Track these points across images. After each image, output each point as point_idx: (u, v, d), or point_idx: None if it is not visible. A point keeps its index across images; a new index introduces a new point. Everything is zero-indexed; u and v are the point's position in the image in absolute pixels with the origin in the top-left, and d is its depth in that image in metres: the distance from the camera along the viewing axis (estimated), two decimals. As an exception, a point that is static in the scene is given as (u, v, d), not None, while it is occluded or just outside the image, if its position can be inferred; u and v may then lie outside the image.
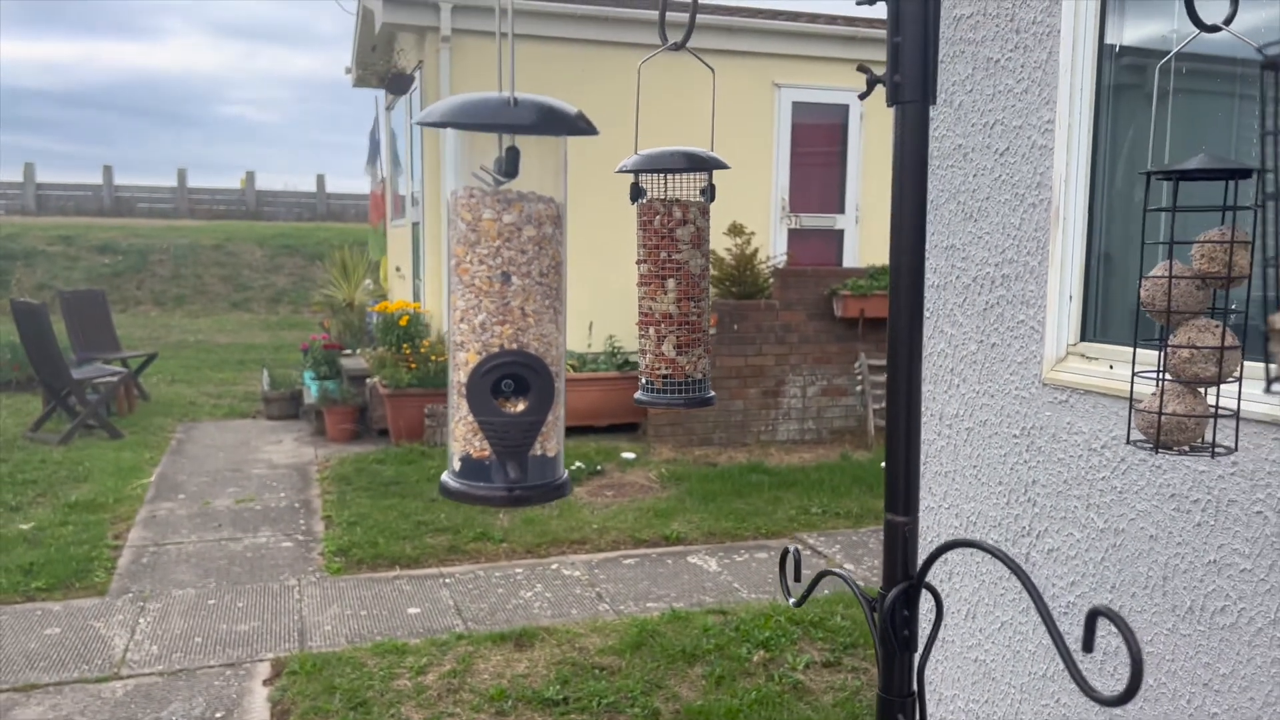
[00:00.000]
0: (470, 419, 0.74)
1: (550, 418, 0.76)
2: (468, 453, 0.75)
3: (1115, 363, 1.36)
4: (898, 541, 0.80)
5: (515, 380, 0.73)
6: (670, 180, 1.11)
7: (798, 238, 8.75)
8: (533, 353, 0.75)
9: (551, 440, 0.78)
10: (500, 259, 0.74)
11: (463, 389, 0.75)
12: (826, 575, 0.97)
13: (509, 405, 0.74)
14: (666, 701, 3.55)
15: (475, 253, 0.74)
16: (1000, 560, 0.73)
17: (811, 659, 3.90)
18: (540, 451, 0.76)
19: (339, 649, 3.88)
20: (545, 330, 0.76)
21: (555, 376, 0.77)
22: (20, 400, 8.83)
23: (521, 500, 0.78)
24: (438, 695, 3.54)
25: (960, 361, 1.68)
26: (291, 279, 17.29)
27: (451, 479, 0.79)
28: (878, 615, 0.82)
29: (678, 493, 6.16)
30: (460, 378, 0.76)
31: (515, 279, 0.74)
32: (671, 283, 1.07)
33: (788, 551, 0.91)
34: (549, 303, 0.77)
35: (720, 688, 3.63)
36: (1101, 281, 1.44)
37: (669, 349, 1.07)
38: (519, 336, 0.74)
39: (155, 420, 8.18)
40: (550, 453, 0.77)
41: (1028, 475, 1.54)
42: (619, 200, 1.12)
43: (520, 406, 0.74)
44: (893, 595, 0.79)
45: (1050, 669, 1.52)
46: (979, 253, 1.63)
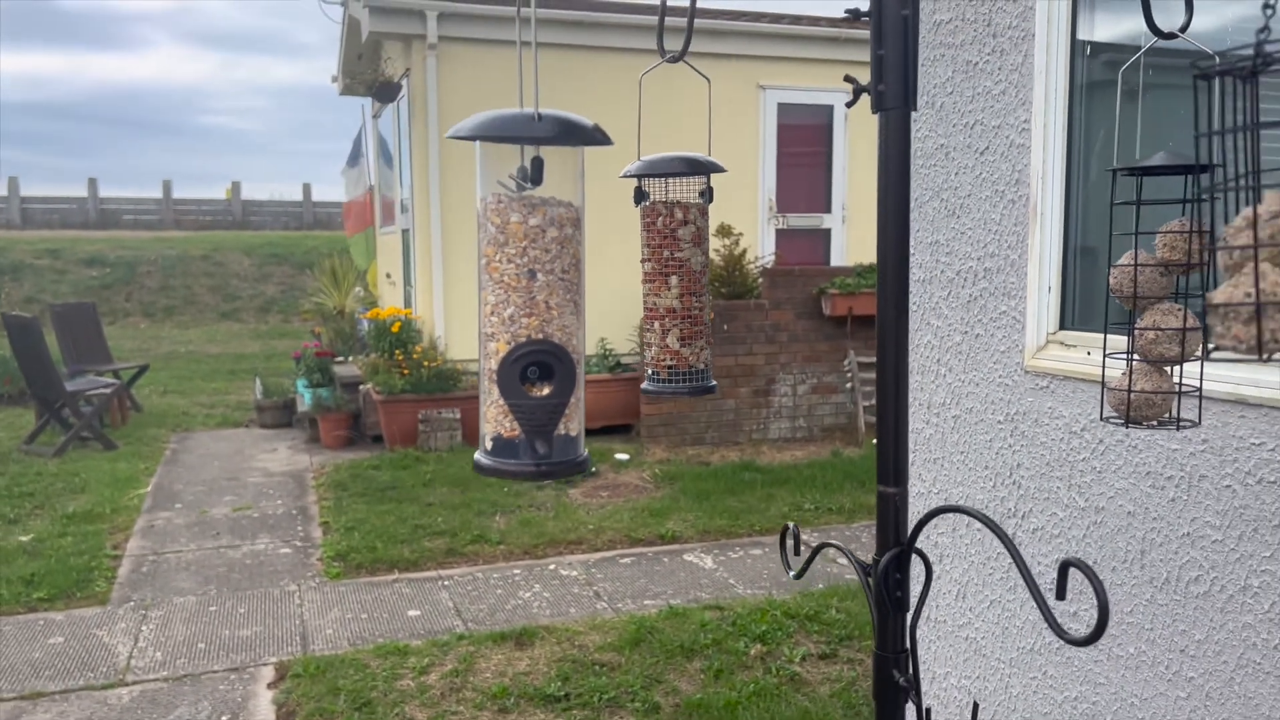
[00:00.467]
0: (501, 402, 0.81)
1: (572, 400, 0.84)
2: (499, 433, 0.82)
3: (1093, 349, 1.43)
4: (889, 511, 0.87)
5: (540, 367, 0.81)
6: (671, 184, 1.18)
7: (785, 238, 8.83)
8: (556, 342, 0.82)
9: (574, 421, 0.85)
10: (527, 258, 0.81)
11: (494, 375, 0.82)
12: (825, 547, 1.04)
13: (535, 390, 0.81)
14: (666, 695, 3.61)
15: (504, 252, 0.81)
16: (978, 519, 0.79)
17: (808, 651, 3.97)
18: (564, 431, 0.83)
19: (341, 651, 3.93)
20: (567, 321, 0.83)
21: (576, 363, 0.84)
22: (13, 414, 8.82)
23: (548, 474, 0.84)
24: (441, 694, 3.59)
25: (946, 352, 1.76)
26: (280, 288, 17.29)
27: (484, 457, 0.86)
28: (872, 579, 0.89)
29: (672, 492, 6.22)
30: (491, 365, 0.83)
31: (540, 275, 0.81)
32: (675, 279, 1.15)
33: (787, 528, 0.98)
34: (570, 297, 0.84)
35: (719, 681, 3.69)
36: (1078, 272, 1.52)
37: (673, 341, 1.15)
38: (544, 327, 0.81)
39: (149, 431, 8.19)
40: (573, 432, 0.85)
41: (1012, 459, 1.61)
42: (609, 205, 1.19)
43: (545, 390, 0.81)
44: (886, 559, 0.86)
45: (1037, 643, 1.60)
46: (962, 248, 1.71)
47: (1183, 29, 0.92)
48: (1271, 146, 0.83)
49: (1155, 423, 0.95)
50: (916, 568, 0.90)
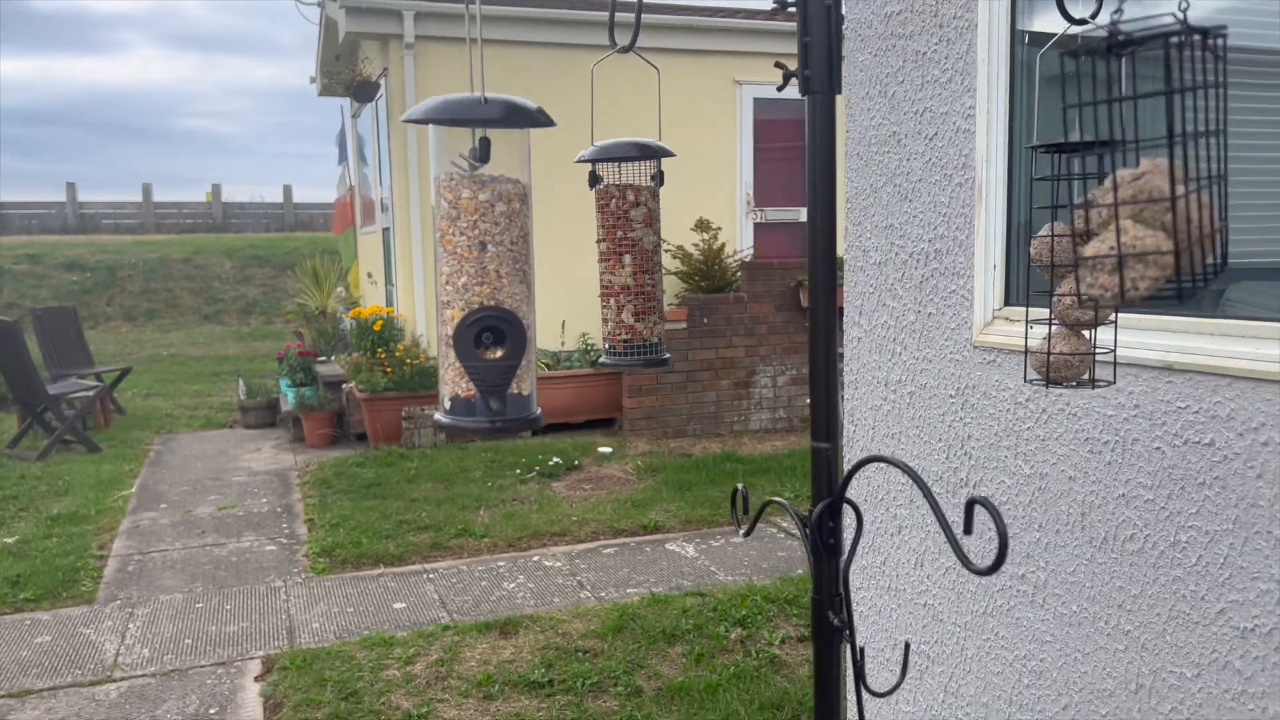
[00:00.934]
0: (457, 364, 0.88)
1: (524, 362, 0.90)
2: (456, 393, 0.89)
3: (1035, 323, 1.50)
4: (822, 464, 0.94)
5: (493, 332, 0.87)
6: (624, 168, 1.24)
7: (764, 231, 8.92)
8: (507, 308, 0.89)
9: (526, 381, 0.91)
10: (478, 230, 0.88)
11: (450, 340, 0.88)
12: (769, 504, 1.10)
13: (489, 352, 0.87)
14: (649, 680, 3.67)
15: (457, 226, 0.88)
16: (899, 467, 0.86)
17: (787, 634, 4.04)
18: (517, 390, 0.90)
19: (328, 644, 3.97)
20: (517, 289, 0.90)
21: (527, 328, 0.91)
22: (-6, 419, 8.80)
23: (503, 430, 0.91)
24: (426, 683, 3.64)
25: (901, 331, 1.83)
26: (262, 290, 17.25)
27: (443, 415, 0.93)
28: (808, 529, 0.96)
29: (654, 484, 6.29)
30: (448, 331, 0.89)
31: (490, 247, 0.88)
32: (628, 258, 1.21)
33: (737, 489, 1.05)
34: (519, 266, 0.91)
35: (700, 664, 3.76)
36: (1021, 250, 1.59)
37: (628, 317, 1.22)
38: (495, 295, 0.88)
39: (132, 433, 8.20)
40: (525, 391, 0.91)
41: (963, 431, 1.69)
42: (590, 200, 1.24)
43: (499, 353, 0.88)
44: (819, 509, 0.93)
45: (989, 606, 1.67)
46: (914, 230, 1.78)
47: (1093, 15, 0.99)
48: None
49: (1074, 383, 1.02)
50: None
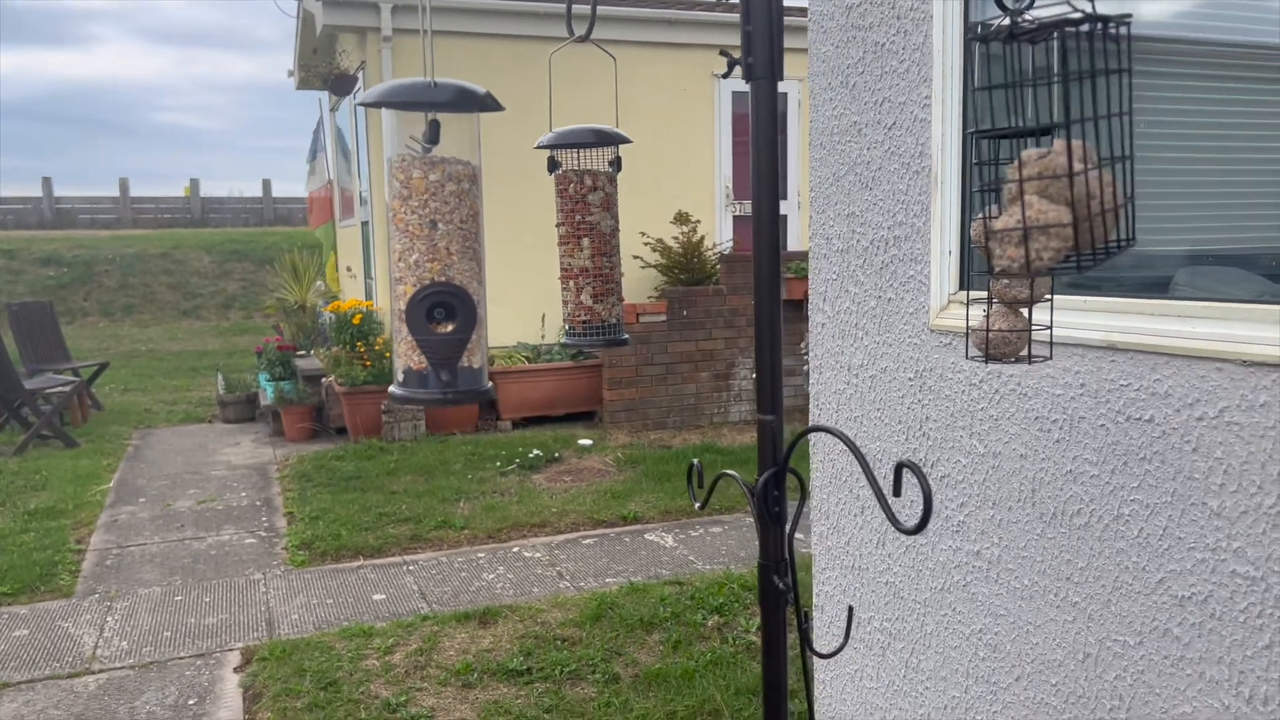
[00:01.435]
0: (410, 338, 0.91)
1: (474, 337, 0.94)
2: (409, 366, 0.92)
3: (977, 303, 1.55)
4: (767, 436, 0.98)
5: (445, 307, 0.90)
6: (583, 154, 1.28)
7: (743, 224, 8.97)
8: (458, 284, 0.92)
9: (476, 355, 0.95)
10: (428, 209, 0.91)
11: (402, 315, 0.92)
12: (722, 477, 1.14)
13: (440, 327, 0.91)
14: (626, 667, 3.71)
15: (408, 205, 0.91)
16: (837, 436, 0.90)
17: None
18: (467, 363, 0.93)
19: (307, 635, 3.99)
20: (467, 266, 0.94)
21: (477, 304, 0.94)
22: (-31, 415, 8.73)
23: (455, 400, 0.95)
24: (405, 672, 3.67)
25: (863, 317, 1.87)
26: (241, 284, 17.15)
27: (397, 388, 0.96)
28: (755, 498, 0.99)
29: (634, 475, 6.32)
30: (401, 306, 0.93)
31: (441, 225, 0.91)
32: (586, 241, 1.25)
33: (693, 465, 1.09)
34: (469, 244, 0.94)
35: (677, 651, 3.80)
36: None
37: (587, 298, 1.25)
38: (446, 271, 0.92)
39: (110, 428, 8.16)
40: (476, 365, 0.95)
41: (922, 413, 1.73)
42: None
43: (449, 327, 0.91)
44: (764, 478, 0.97)
45: (947, 582, 1.72)
46: (875, 217, 1.82)
47: (1029, 6, 1.04)
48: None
49: (1013, 359, 1.07)
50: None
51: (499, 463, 6.59)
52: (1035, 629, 1.54)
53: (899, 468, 0.90)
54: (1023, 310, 1.08)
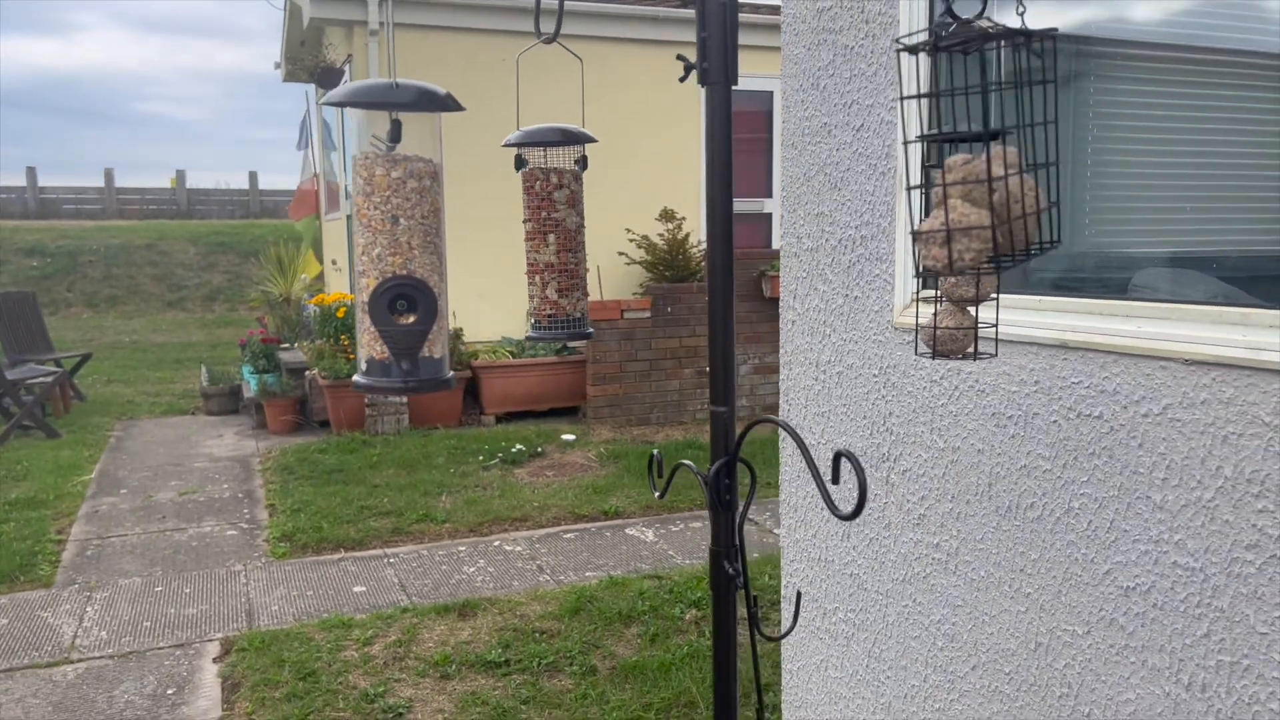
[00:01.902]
0: (372, 329, 0.95)
1: (435, 328, 0.98)
2: (371, 356, 0.96)
3: (928, 301, 1.59)
4: (720, 426, 1.01)
5: (406, 299, 0.94)
6: (550, 153, 1.31)
7: (728, 222, 8.99)
8: (419, 277, 0.96)
9: (437, 345, 0.99)
10: (390, 205, 0.95)
11: (365, 307, 0.95)
12: (680, 467, 1.18)
13: (401, 318, 0.94)
14: (604, 659, 3.75)
15: (371, 200, 0.95)
16: (782, 427, 0.93)
17: (741, 615, 4.13)
18: (428, 354, 0.97)
19: (287, 626, 4.01)
20: (428, 260, 0.97)
21: (438, 296, 0.98)
22: (-50, 405, 8.69)
23: (416, 389, 0.98)
24: (384, 663, 3.70)
25: (831, 314, 1.91)
26: (226, 276, 17.08)
27: (361, 377, 1.00)
28: (707, 486, 1.03)
29: (616, 470, 6.36)
30: (364, 298, 0.97)
31: (402, 220, 0.95)
32: (552, 237, 1.28)
33: (653, 455, 1.12)
34: (430, 239, 0.98)
35: (654, 645, 3.84)
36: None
37: (552, 293, 1.29)
38: (407, 265, 0.95)
39: (93, 419, 8.14)
40: (436, 355, 0.99)
41: (885, 408, 1.77)
42: None
43: (411, 319, 0.95)
44: (716, 466, 1.01)
45: (908, 574, 1.76)
46: (843, 217, 1.86)
47: (979, 15, 1.08)
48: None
49: (960, 355, 1.11)
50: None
51: (482, 457, 6.61)
52: (991, 619, 1.59)
53: (837, 456, 0.94)
54: (970, 308, 1.12)
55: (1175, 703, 1.31)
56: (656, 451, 1.10)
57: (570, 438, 7.16)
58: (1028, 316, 1.49)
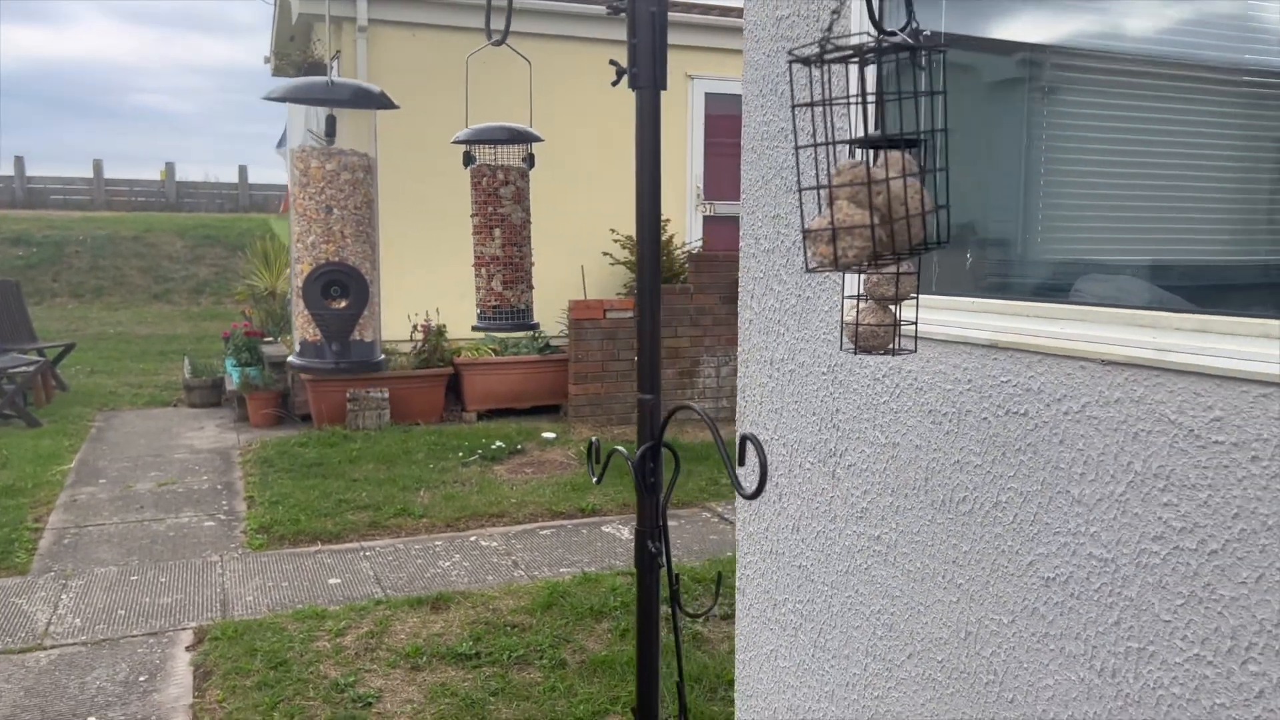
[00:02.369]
0: (306, 313, 1.00)
1: (366, 313, 1.03)
2: (305, 338, 1.01)
3: (907, 306, 1.65)
4: (646, 414, 1.07)
5: (339, 285, 0.99)
6: (499, 151, 1.36)
7: (712, 224, 9.07)
8: (351, 264, 1.02)
9: (368, 330, 1.04)
10: (324, 196, 1.00)
11: (300, 291, 1.01)
12: (614, 453, 1.23)
13: (334, 303, 1.00)
14: (574, 653, 3.80)
15: (306, 191, 1.00)
16: (699, 414, 0.99)
17: (711, 612, 4.19)
18: (359, 337, 1.03)
19: (260, 616, 4.05)
20: (360, 248, 1.03)
21: (369, 282, 1.04)
22: (-69, 393, 8.67)
23: (346, 371, 1.04)
24: (355, 654, 3.74)
25: (785, 314, 1.97)
26: (213, 270, 17.05)
27: (295, 358, 1.06)
28: (634, 469, 1.08)
29: (598, 469, 6.41)
30: (299, 283, 1.02)
31: (336, 210, 1.00)
32: (498, 232, 1.34)
33: (592, 442, 1.17)
34: (363, 228, 1.04)
35: (624, 640, 3.89)
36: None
37: (497, 285, 1.34)
38: (340, 252, 1.01)
39: (74, 410, 8.14)
40: (368, 339, 1.04)
41: (833, 405, 1.83)
42: (536, 192, 1.36)
43: (343, 304, 1.00)
44: (641, 451, 1.06)
45: (851, 565, 1.82)
46: (797, 220, 1.92)
47: (902, 29, 1.13)
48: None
49: (882, 351, 1.17)
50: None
51: (461, 453, 6.65)
52: (925, 609, 1.64)
53: (743, 441, 1.00)
54: (891, 307, 1.18)
55: (1089, 688, 1.37)
56: (594, 439, 1.15)
57: (551, 435, 7.20)
58: (962, 318, 1.55)
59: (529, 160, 1.38)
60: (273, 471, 6.19)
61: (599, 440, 1.13)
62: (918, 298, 1.14)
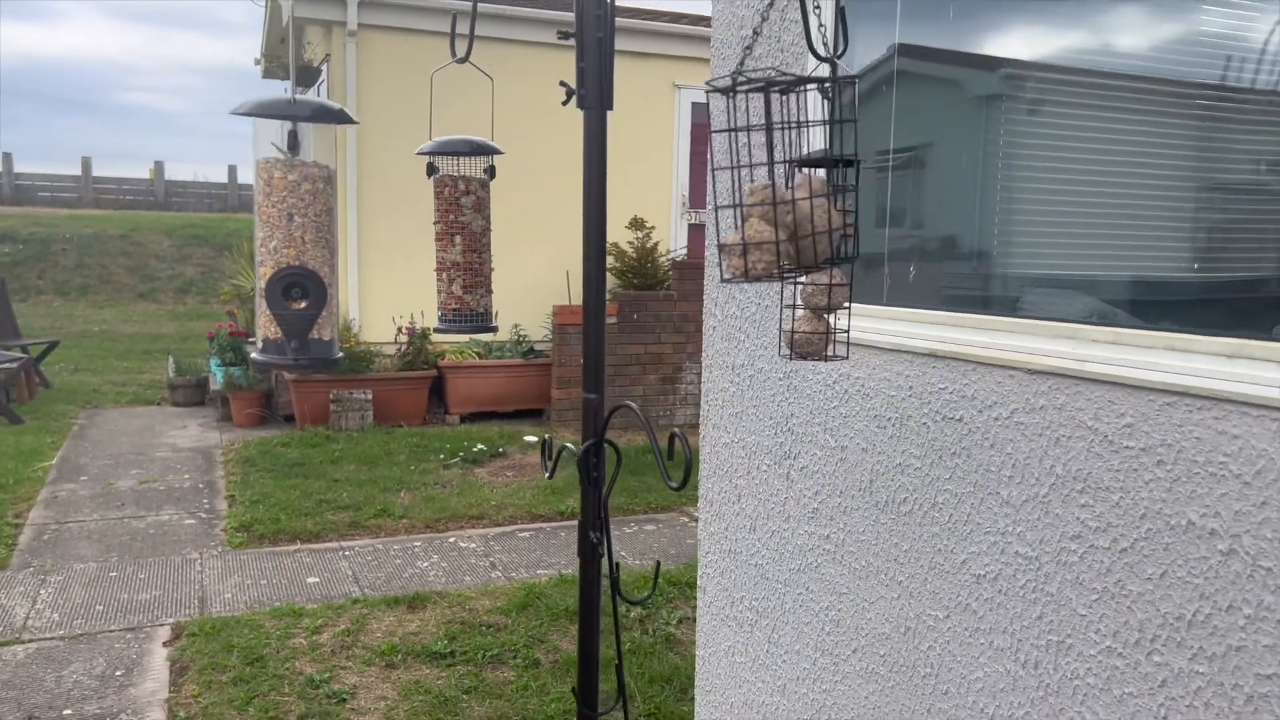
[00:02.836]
0: (268, 312, 1.08)
1: (324, 313, 1.11)
2: (267, 335, 1.09)
3: (841, 315, 1.73)
4: (590, 411, 1.14)
5: (300, 287, 1.07)
6: (461, 161, 1.44)
7: (697, 232, 9.16)
8: (311, 268, 1.09)
9: (327, 329, 1.12)
10: (286, 204, 1.08)
11: (263, 292, 1.08)
12: (564, 449, 1.31)
13: (295, 304, 1.07)
14: (547, 653, 3.86)
15: (270, 199, 1.08)
16: (635, 413, 1.05)
17: (685, 615, 4.25)
18: (318, 335, 1.10)
19: (238, 614, 4.09)
20: (320, 253, 1.11)
21: (328, 285, 1.11)
22: (-86, 389, 8.66)
23: (306, 367, 1.11)
24: (331, 651, 3.79)
25: (746, 322, 2.05)
26: (200, 269, 17.04)
27: (258, 354, 1.14)
28: (578, 464, 1.16)
29: (576, 472, 6.47)
30: (262, 285, 1.10)
31: (297, 218, 1.08)
32: (458, 239, 1.41)
33: (545, 440, 1.24)
34: (322, 235, 1.11)
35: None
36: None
37: (457, 289, 1.42)
38: (300, 257, 1.08)
39: (57, 407, 8.16)
40: (326, 337, 1.12)
41: (789, 410, 1.91)
42: (523, 199, 1.44)
43: (303, 304, 1.07)
44: (585, 447, 1.13)
45: (803, 564, 1.89)
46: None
47: (839, 55, 1.21)
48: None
49: (817, 357, 1.24)
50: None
51: (443, 455, 6.70)
52: (869, 605, 1.72)
53: (671, 437, 1.07)
54: (826, 315, 1.25)
55: (1014, 679, 1.44)
56: (548, 436, 1.22)
57: (532, 439, 7.26)
58: (905, 327, 1.62)
59: (490, 172, 1.45)
60: (254, 471, 6.23)
61: (552, 437, 1.20)
62: (850, 307, 1.21)
